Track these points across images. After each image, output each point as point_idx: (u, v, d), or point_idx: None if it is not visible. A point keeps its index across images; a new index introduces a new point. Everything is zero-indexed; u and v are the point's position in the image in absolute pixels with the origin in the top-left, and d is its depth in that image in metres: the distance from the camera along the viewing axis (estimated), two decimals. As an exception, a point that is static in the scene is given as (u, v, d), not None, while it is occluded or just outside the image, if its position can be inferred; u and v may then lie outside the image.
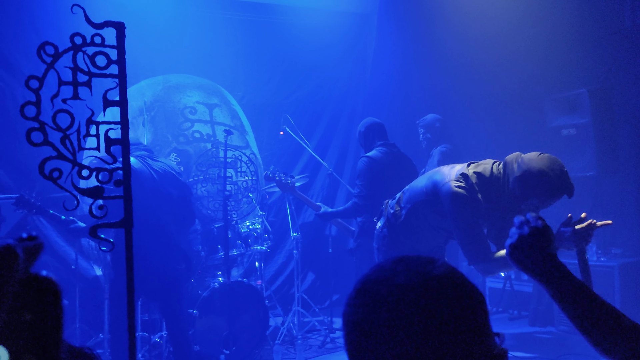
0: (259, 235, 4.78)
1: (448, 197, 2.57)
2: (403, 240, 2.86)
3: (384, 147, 4.18)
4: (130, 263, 1.45)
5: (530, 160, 2.44)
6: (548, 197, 2.42)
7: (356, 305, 0.73)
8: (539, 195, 2.41)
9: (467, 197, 2.52)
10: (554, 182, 2.37)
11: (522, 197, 2.45)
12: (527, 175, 2.41)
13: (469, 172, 2.59)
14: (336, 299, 5.92)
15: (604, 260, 4.60)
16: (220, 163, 4.50)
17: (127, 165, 1.46)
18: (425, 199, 2.72)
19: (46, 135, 1.38)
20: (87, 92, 1.43)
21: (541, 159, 2.41)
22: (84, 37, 1.40)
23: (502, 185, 2.53)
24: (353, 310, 0.72)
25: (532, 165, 2.41)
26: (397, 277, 0.71)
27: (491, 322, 0.73)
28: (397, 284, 0.70)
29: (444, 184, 2.62)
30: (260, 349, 4.38)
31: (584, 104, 4.76)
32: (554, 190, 2.39)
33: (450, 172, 2.66)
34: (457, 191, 2.53)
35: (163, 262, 3.56)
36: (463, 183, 2.55)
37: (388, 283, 0.71)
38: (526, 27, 5.33)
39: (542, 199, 2.42)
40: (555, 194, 2.41)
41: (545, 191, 2.39)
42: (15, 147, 4.71)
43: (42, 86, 1.36)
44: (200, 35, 5.89)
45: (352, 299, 0.74)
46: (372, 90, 6.74)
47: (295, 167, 6.28)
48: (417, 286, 0.69)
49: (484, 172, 2.58)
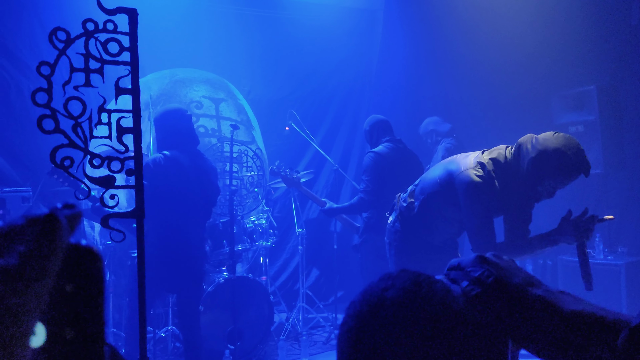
0: (264, 231, 4.77)
1: (465, 185, 2.53)
2: (416, 233, 2.83)
3: (390, 143, 4.16)
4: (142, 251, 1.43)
5: (546, 140, 2.38)
6: (565, 177, 2.36)
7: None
8: (555, 176, 2.37)
9: (485, 186, 2.49)
10: (571, 160, 2.31)
11: (538, 178, 2.40)
12: (543, 155, 2.36)
13: (484, 160, 2.56)
14: (341, 296, 5.90)
15: (610, 258, 4.57)
16: (225, 158, 4.48)
17: (139, 154, 1.45)
18: (439, 190, 2.68)
19: (58, 122, 1.37)
20: (99, 79, 1.41)
21: (556, 138, 2.37)
22: (97, 23, 1.38)
23: (516, 169, 2.49)
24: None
25: (548, 144, 2.36)
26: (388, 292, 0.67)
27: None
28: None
29: (460, 172, 2.58)
30: (264, 345, 4.36)
31: (592, 101, 4.74)
32: (571, 170, 2.33)
33: (465, 160, 2.63)
34: (475, 180, 2.50)
35: (193, 258, 3.59)
36: (481, 171, 2.51)
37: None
38: (534, 24, 5.30)
39: (558, 179, 2.38)
40: (573, 174, 2.35)
41: (562, 171, 2.34)
42: (20, 141, 4.69)
43: (53, 72, 1.34)
44: (207, 30, 5.88)
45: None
46: (378, 86, 6.72)
47: (300, 162, 6.26)
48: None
49: (498, 158, 2.55)
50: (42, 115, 1.33)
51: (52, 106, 1.36)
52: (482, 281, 0.70)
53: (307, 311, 5.13)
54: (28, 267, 0.32)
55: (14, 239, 0.33)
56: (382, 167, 4.01)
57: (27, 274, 0.32)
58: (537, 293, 0.70)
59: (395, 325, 0.64)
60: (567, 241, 2.41)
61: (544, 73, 5.28)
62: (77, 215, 0.37)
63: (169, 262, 3.47)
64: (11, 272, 0.31)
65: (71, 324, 0.36)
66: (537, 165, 2.39)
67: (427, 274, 0.70)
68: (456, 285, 0.71)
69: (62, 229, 0.35)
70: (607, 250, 4.66)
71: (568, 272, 4.76)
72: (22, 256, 0.32)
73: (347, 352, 0.66)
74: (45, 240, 0.34)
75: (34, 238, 0.33)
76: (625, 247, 4.76)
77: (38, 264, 0.33)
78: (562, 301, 0.69)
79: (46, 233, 0.34)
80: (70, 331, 0.35)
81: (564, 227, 2.39)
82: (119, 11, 1.39)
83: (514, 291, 0.70)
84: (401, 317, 0.64)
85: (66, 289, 0.36)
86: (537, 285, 0.71)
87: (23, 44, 4.86)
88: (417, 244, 2.84)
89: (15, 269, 0.32)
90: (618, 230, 4.88)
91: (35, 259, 0.33)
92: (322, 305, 5.42)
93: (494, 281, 0.70)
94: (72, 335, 0.35)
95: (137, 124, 1.45)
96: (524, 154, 2.47)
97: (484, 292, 0.69)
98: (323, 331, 5.15)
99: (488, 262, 0.74)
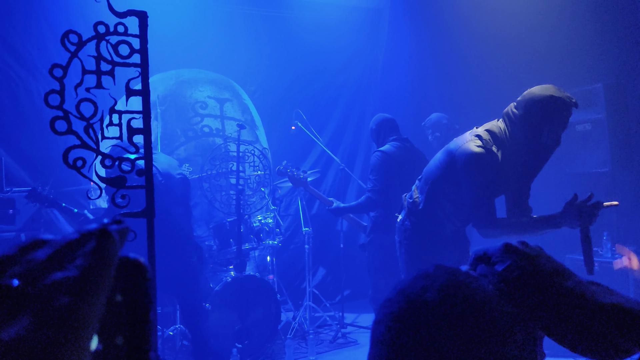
0: (271, 230, 4.78)
1: (465, 157, 2.53)
2: (425, 228, 2.81)
3: (397, 142, 4.17)
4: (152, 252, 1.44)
5: (527, 93, 2.52)
6: (561, 116, 2.44)
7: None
8: (552, 118, 2.43)
9: (486, 155, 2.50)
10: (559, 98, 2.42)
11: (537, 129, 2.45)
12: (532, 106, 2.45)
13: (480, 132, 2.58)
14: (347, 294, 5.92)
15: (618, 257, 4.56)
16: (231, 157, 4.50)
17: (149, 155, 1.46)
18: (442, 173, 2.68)
19: (70, 124, 1.39)
20: (110, 81, 1.43)
21: (534, 89, 2.50)
22: (108, 26, 1.40)
23: (512, 135, 2.53)
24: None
25: (531, 96, 2.48)
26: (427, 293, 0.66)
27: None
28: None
29: (459, 147, 2.60)
30: (272, 344, 4.38)
31: (599, 99, 4.72)
32: (562, 106, 2.43)
33: (462, 137, 2.65)
34: (475, 151, 2.51)
35: (176, 255, 3.58)
36: (480, 142, 2.53)
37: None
38: (540, 22, 5.29)
39: (555, 121, 2.44)
40: (565, 109, 2.44)
41: (555, 110, 2.42)
42: (29, 141, 4.73)
43: (66, 75, 1.36)
44: (213, 30, 5.89)
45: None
46: (384, 86, 6.72)
47: (306, 162, 6.28)
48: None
49: (492, 129, 2.59)
50: (54, 117, 1.35)
51: (65, 108, 1.38)
52: (509, 276, 0.70)
53: (314, 310, 5.15)
54: (87, 279, 0.35)
55: (71, 253, 0.36)
56: (390, 166, 4.01)
57: (86, 286, 0.34)
58: (568, 285, 0.69)
59: (435, 327, 0.63)
60: (570, 225, 2.39)
61: (551, 71, 5.26)
62: (125, 229, 0.39)
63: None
64: (72, 284, 0.34)
65: (121, 332, 0.38)
66: (530, 118, 2.46)
67: (463, 272, 0.70)
68: (485, 279, 0.70)
69: (114, 243, 0.37)
70: (614, 248, 4.65)
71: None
72: (81, 269, 0.35)
73: (384, 351, 0.65)
74: (101, 254, 0.36)
75: (91, 252, 0.36)
76: (633, 246, 4.74)
77: (96, 276, 0.35)
78: (593, 293, 0.68)
79: (101, 247, 0.36)
80: (121, 338, 0.38)
81: (568, 211, 2.37)
82: (129, 14, 1.41)
83: (544, 282, 0.69)
84: (441, 319, 0.63)
85: (117, 299, 0.38)
86: (568, 276, 0.71)
87: (32, 45, 4.89)
88: (427, 240, 2.82)
89: (75, 281, 0.34)
90: (626, 228, 4.86)
91: (93, 271, 0.35)
92: (328, 304, 5.44)
93: (522, 274, 0.69)
94: (122, 342, 0.38)
95: (147, 124, 1.47)
96: (513, 119, 2.53)
97: (513, 286, 0.68)
98: (330, 330, 5.17)
99: (515, 251, 0.72)
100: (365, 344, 4.79)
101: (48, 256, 0.35)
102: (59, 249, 0.36)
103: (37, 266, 0.34)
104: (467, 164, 2.52)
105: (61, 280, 0.34)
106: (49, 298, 0.33)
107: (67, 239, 0.37)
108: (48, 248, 0.36)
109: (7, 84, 4.76)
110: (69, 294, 0.34)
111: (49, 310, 0.32)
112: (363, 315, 5.57)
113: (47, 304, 0.33)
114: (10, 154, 4.63)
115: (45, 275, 0.34)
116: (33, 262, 0.35)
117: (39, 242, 0.36)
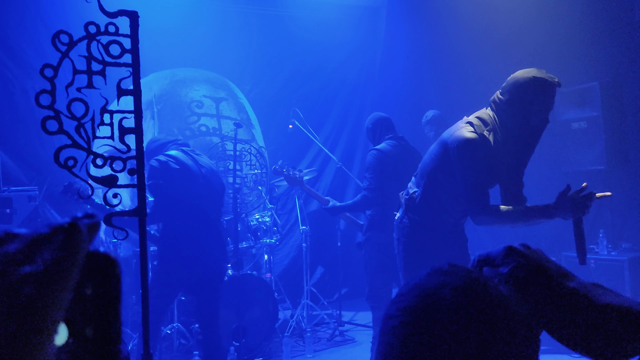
0: (268, 228, 4.79)
1: (458, 143, 2.53)
2: (424, 223, 2.79)
3: (393, 140, 4.18)
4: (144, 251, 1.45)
5: (511, 78, 2.56)
6: (546, 95, 2.48)
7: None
8: (537, 98, 2.46)
9: (478, 140, 2.51)
10: (542, 78, 2.48)
11: (525, 111, 2.48)
12: (516, 87, 2.49)
13: (472, 120, 2.60)
14: (345, 292, 5.93)
15: (614, 254, 4.58)
16: (227, 156, 4.51)
17: (141, 154, 1.47)
18: (437, 164, 2.68)
19: (61, 123, 1.39)
20: (101, 81, 1.44)
21: (517, 72, 2.54)
22: (98, 26, 1.40)
23: (502, 122, 2.55)
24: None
25: (515, 78, 2.53)
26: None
27: None
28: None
29: (451, 135, 2.61)
30: (269, 342, 4.40)
31: (595, 97, 4.73)
32: (546, 86, 2.47)
33: (454, 127, 2.67)
34: (468, 136, 2.52)
35: (213, 259, 3.58)
36: (472, 128, 2.55)
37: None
38: (537, 20, 5.30)
39: (541, 100, 2.47)
40: (549, 87, 2.48)
41: (539, 90, 2.46)
42: (25, 141, 4.74)
43: (57, 75, 1.36)
44: (207, 29, 5.89)
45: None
46: (382, 84, 6.73)
47: (303, 160, 6.28)
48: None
49: (482, 116, 2.60)
50: (45, 117, 1.36)
51: (56, 107, 1.39)
52: (516, 276, 0.71)
53: (312, 308, 5.16)
54: (53, 272, 0.36)
55: (40, 247, 0.37)
56: (385, 165, 4.02)
57: (52, 279, 0.35)
58: (571, 285, 0.70)
59: (451, 325, 0.63)
60: (563, 216, 2.38)
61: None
62: (96, 224, 0.40)
63: (187, 264, 3.45)
64: (38, 277, 0.35)
65: (91, 324, 0.39)
66: (516, 102, 2.48)
67: (476, 271, 0.70)
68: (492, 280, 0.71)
69: (83, 237, 0.38)
70: (610, 246, 4.66)
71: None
72: (48, 262, 0.36)
73: (397, 346, 0.65)
74: (68, 248, 0.37)
75: (59, 246, 0.37)
76: (628, 243, 4.76)
77: (62, 270, 0.36)
78: (596, 293, 0.69)
79: (69, 241, 0.37)
80: (90, 330, 0.39)
81: (562, 202, 2.36)
82: (120, 14, 1.41)
83: (549, 283, 0.70)
84: (457, 317, 0.63)
85: (86, 292, 0.39)
86: (570, 277, 0.72)
87: (27, 44, 4.90)
88: (425, 237, 2.79)
89: (41, 274, 0.35)
90: (622, 226, 4.88)
91: (59, 265, 0.36)
92: (326, 302, 5.45)
93: (528, 275, 0.71)
94: (91, 334, 0.39)
95: (138, 124, 1.48)
96: (500, 105, 2.55)
97: (521, 287, 0.70)
98: (327, 328, 5.18)
99: (519, 253, 0.73)
100: (362, 341, 4.80)
101: (17, 250, 0.36)
102: (28, 243, 0.37)
103: (5, 259, 0.35)
104: (460, 150, 2.53)
105: (28, 273, 0.35)
106: (16, 290, 0.34)
107: (37, 233, 0.38)
108: (18, 242, 0.37)
109: (3, 83, 4.77)
110: (35, 285, 0.35)
111: (14, 301, 0.34)
112: (360, 313, 5.59)
113: (14, 296, 0.34)
114: (7, 153, 4.64)
115: (14, 269, 0.35)
116: (2, 256, 0.36)
117: (10, 235, 0.37)
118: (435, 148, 2.73)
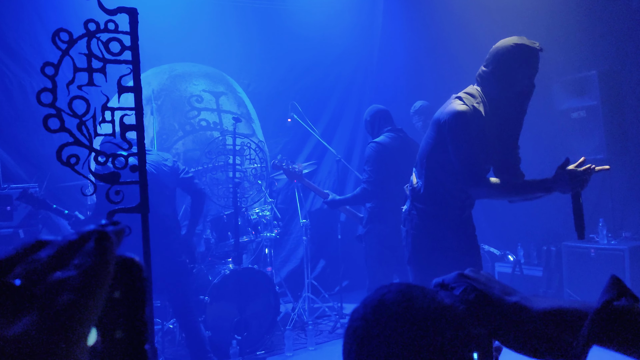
0: (269, 222, 4.80)
1: (450, 117, 2.52)
2: (431, 212, 2.75)
3: (392, 133, 4.18)
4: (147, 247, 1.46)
5: (492, 49, 2.57)
6: (530, 60, 2.47)
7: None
8: (521, 64, 2.47)
9: (470, 111, 2.50)
10: (524, 44, 2.48)
11: (509, 81, 2.48)
12: (499, 56, 2.50)
13: (461, 95, 2.60)
14: (346, 285, 5.95)
15: (614, 243, 4.59)
16: (228, 151, 4.51)
17: (142, 151, 1.48)
18: (434, 145, 2.66)
19: (63, 121, 1.39)
20: (102, 78, 1.44)
21: (499, 42, 2.55)
22: (98, 23, 1.40)
23: (487, 97, 2.56)
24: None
25: (496, 47, 2.54)
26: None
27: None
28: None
29: (443, 111, 2.60)
30: (271, 335, 4.42)
31: (593, 86, 4.73)
32: (527, 50, 2.47)
33: (444, 105, 2.66)
34: (460, 109, 2.51)
35: (166, 255, 3.59)
36: (461, 101, 2.55)
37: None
38: (534, 9, 5.29)
39: (525, 66, 2.47)
40: (531, 52, 2.48)
41: (522, 56, 2.46)
42: (24, 138, 4.73)
43: (57, 73, 1.36)
44: (206, 24, 5.87)
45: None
46: (380, 76, 6.72)
47: (302, 153, 6.28)
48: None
49: (469, 91, 2.60)
50: (47, 115, 1.36)
51: (57, 105, 1.39)
52: (467, 297, 0.80)
53: (313, 301, 5.18)
54: (88, 278, 0.37)
55: (72, 253, 0.38)
56: (384, 157, 4.03)
57: (87, 285, 0.37)
58: (513, 300, 0.80)
59: (395, 320, 0.73)
60: (561, 190, 2.36)
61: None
62: (121, 231, 0.41)
63: None
64: (73, 284, 0.36)
65: (120, 327, 0.41)
66: (500, 71, 2.49)
67: (426, 289, 0.80)
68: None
69: (111, 244, 0.40)
70: (610, 235, 4.68)
71: (572, 257, 4.79)
72: (81, 268, 0.37)
73: (354, 351, 0.75)
74: (101, 255, 0.38)
75: (89, 252, 0.38)
76: (628, 232, 4.78)
77: (96, 276, 0.37)
78: (534, 302, 0.80)
79: (100, 248, 0.39)
80: (120, 333, 0.41)
81: (560, 176, 2.33)
82: (119, 11, 1.41)
83: (494, 301, 0.80)
84: (399, 313, 0.74)
85: (115, 295, 0.41)
86: (513, 293, 0.82)
87: (24, 41, 4.88)
88: (433, 227, 2.72)
89: (76, 281, 0.36)
90: (622, 215, 4.89)
91: (93, 271, 0.37)
92: (327, 295, 5.47)
93: (476, 296, 0.80)
94: (121, 336, 0.41)
95: (139, 120, 1.48)
96: (485, 77, 2.56)
97: (468, 307, 0.79)
98: (329, 320, 5.20)
99: (468, 277, 0.83)
100: (364, 333, 4.82)
101: (49, 257, 0.37)
102: (59, 250, 0.38)
103: (39, 266, 0.37)
104: (452, 123, 2.52)
105: (63, 280, 0.36)
106: (52, 297, 0.35)
107: (67, 240, 0.39)
108: (49, 249, 0.38)
109: (2, 81, 4.76)
110: (71, 292, 0.36)
111: (51, 308, 0.35)
112: (362, 305, 5.60)
113: (50, 303, 0.35)
114: (6, 151, 4.64)
115: (48, 275, 0.36)
116: (35, 263, 0.37)
117: (41, 242, 0.39)
118: (429, 130, 2.72)
